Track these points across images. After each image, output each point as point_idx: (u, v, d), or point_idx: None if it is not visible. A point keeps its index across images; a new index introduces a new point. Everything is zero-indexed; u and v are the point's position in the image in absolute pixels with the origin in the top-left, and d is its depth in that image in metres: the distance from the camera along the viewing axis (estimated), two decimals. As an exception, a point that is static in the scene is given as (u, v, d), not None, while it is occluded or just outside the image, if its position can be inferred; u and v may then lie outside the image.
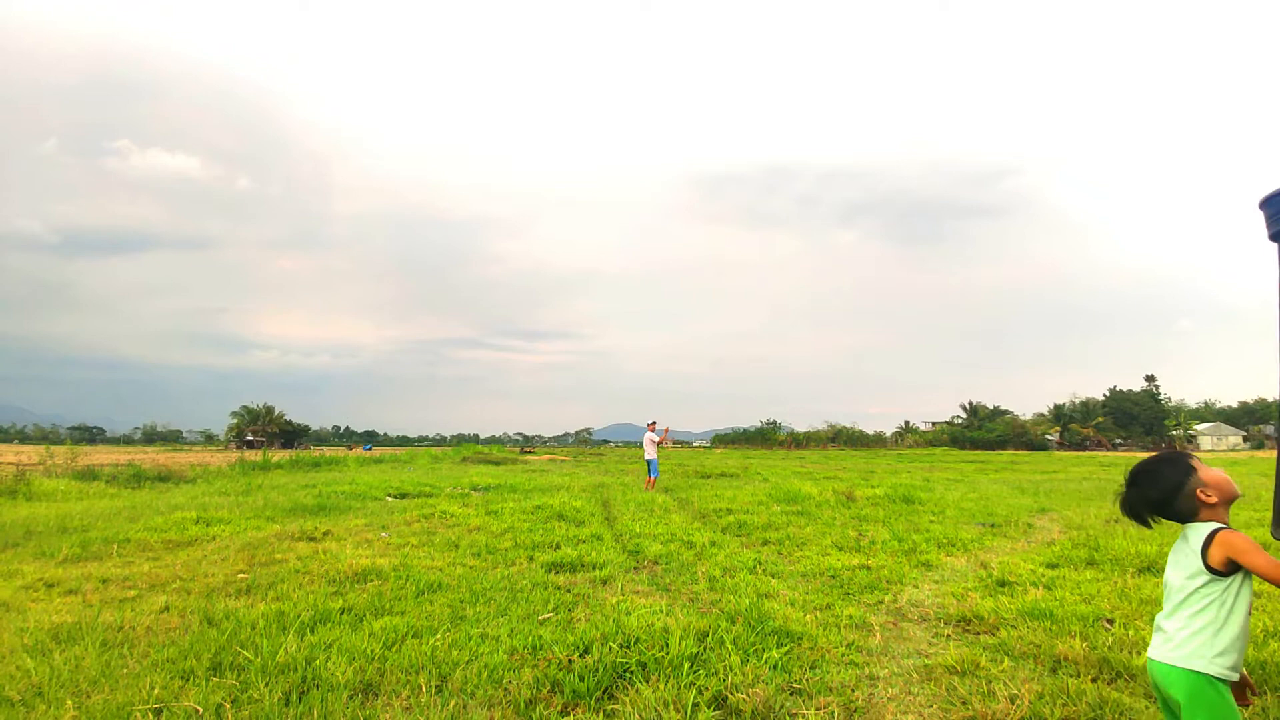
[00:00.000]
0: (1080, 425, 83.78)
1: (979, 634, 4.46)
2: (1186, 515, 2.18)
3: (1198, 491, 2.15)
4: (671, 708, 3.22)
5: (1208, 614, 2.09)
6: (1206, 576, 2.09)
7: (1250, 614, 2.12)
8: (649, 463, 15.90)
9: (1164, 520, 2.24)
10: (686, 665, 3.63)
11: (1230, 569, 2.07)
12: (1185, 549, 2.17)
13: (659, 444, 16.28)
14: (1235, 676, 2.09)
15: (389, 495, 13.87)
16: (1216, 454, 62.60)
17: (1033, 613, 4.66)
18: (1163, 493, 2.20)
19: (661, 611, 4.65)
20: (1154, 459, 2.31)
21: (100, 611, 4.90)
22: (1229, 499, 2.15)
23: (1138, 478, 2.27)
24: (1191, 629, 2.11)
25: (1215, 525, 2.12)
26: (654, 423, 16.62)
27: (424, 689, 3.47)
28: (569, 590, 5.56)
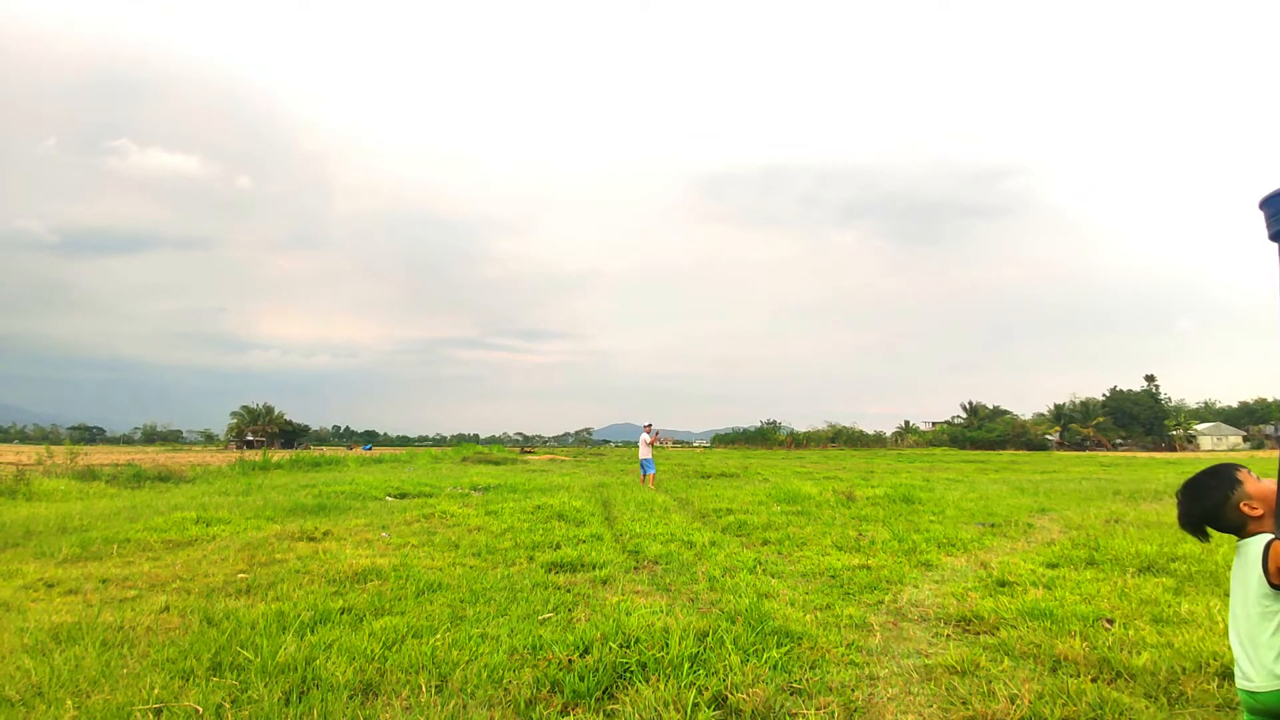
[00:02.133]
0: (1080, 425, 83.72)
1: (979, 634, 4.46)
2: (1237, 528, 2.13)
3: (1241, 505, 2.09)
4: (671, 708, 3.22)
5: None
6: (1275, 598, 1.98)
7: None
8: (643, 462, 17.18)
9: (1221, 532, 2.17)
10: (686, 665, 3.64)
11: None
12: (1244, 566, 2.08)
13: (652, 444, 17.75)
14: None
15: (389, 495, 13.87)
16: (1216, 454, 62.64)
17: (1033, 613, 4.66)
18: (1207, 507, 2.16)
19: (661, 611, 4.65)
20: (1201, 472, 2.24)
21: (100, 611, 4.90)
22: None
23: (1186, 491, 2.22)
24: None
25: (1269, 537, 2.00)
26: (649, 425, 18.09)
27: (424, 689, 3.47)
28: (569, 590, 5.56)
